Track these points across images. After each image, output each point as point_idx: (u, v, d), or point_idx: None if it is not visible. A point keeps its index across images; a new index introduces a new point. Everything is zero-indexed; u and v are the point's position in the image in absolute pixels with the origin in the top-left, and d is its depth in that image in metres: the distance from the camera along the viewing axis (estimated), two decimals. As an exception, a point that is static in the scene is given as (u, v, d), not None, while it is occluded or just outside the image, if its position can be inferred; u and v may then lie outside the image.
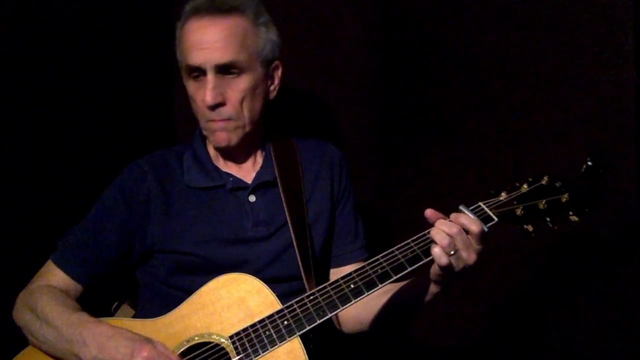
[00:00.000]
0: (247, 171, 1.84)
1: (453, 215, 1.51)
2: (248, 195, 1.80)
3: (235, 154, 1.83)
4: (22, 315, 1.66)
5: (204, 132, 1.81)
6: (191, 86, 1.74)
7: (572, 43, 1.86)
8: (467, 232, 1.48)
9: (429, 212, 1.51)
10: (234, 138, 1.77)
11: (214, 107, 1.71)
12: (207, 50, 1.67)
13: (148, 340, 1.50)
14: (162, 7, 2.34)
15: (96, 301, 1.76)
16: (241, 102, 1.73)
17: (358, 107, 2.44)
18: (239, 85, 1.72)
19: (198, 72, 1.70)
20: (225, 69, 1.69)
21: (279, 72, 1.83)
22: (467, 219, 1.49)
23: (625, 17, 1.74)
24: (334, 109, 2.41)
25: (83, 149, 2.11)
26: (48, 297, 1.65)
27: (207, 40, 1.67)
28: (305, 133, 1.99)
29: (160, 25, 2.33)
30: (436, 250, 1.45)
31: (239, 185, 1.81)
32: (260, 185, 1.81)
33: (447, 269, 1.45)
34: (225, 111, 1.73)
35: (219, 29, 1.67)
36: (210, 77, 1.69)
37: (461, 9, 2.19)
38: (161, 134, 2.37)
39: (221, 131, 1.75)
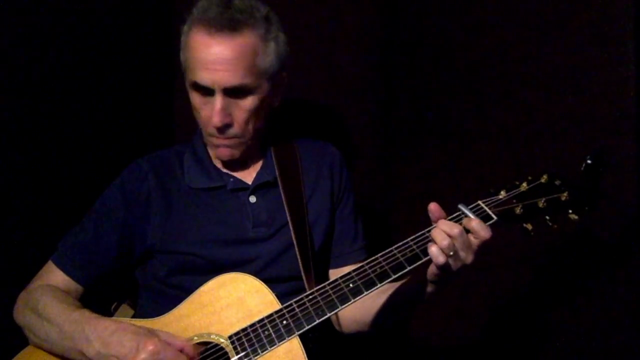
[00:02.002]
0: (247, 172, 1.84)
1: (465, 220, 1.49)
2: (248, 196, 1.80)
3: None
4: (23, 315, 1.66)
5: (206, 142, 1.80)
6: (196, 99, 1.71)
7: (572, 43, 1.86)
8: (471, 233, 1.48)
9: (433, 206, 1.50)
10: (237, 153, 1.78)
11: (221, 128, 1.70)
12: (216, 72, 1.63)
13: (153, 334, 1.50)
14: (162, 7, 2.35)
15: (96, 301, 1.76)
16: (247, 121, 1.72)
17: (358, 107, 2.44)
18: (246, 106, 1.70)
19: (202, 90, 1.68)
20: (233, 91, 1.66)
21: (284, 82, 1.80)
22: (479, 224, 1.47)
23: (625, 17, 1.74)
24: (334, 109, 2.41)
25: (83, 149, 2.11)
26: (49, 296, 1.65)
27: (217, 61, 1.62)
28: (306, 133, 1.99)
29: (160, 25, 2.34)
30: (433, 250, 1.44)
31: (240, 186, 1.81)
32: (261, 185, 1.81)
33: (444, 268, 1.44)
34: (232, 131, 1.72)
35: (229, 49, 1.62)
36: (219, 98, 1.66)
37: (461, 9, 2.19)
38: (160, 134, 2.37)
39: (224, 147, 1.75)
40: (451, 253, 1.43)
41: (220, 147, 1.76)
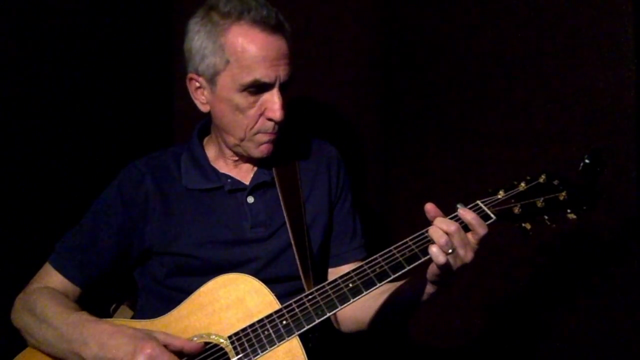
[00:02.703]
0: (245, 172, 1.84)
1: (460, 212, 1.50)
2: (246, 196, 1.80)
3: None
4: (20, 317, 1.66)
5: (240, 144, 1.76)
6: (244, 99, 1.68)
7: (572, 43, 1.85)
8: (470, 230, 1.48)
9: (429, 207, 1.50)
10: (274, 147, 1.78)
11: (280, 123, 1.70)
12: (279, 67, 1.65)
13: (150, 337, 1.49)
14: (162, 7, 2.35)
15: (95, 303, 1.76)
16: (287, 111, 1.73)
17: (358, 107, 2.45)
18: (288, 98, 1.73)
19: (259, 87, 1.67)
20: (285, 85, 1.69)
21: None
22: (476, 219, 1.48)
23: (625, 17, 1.74)
24: (334, 109, 2.41)
25: (82, 149, 2.12)
26: (47, 298, 1.65)
27: (278, 56, 1.65)
28: (304, 133, 1.99)
29: (160, 25, 2.34)
30: (434, 250, 1.44)
31: (237, 187, 1.81)
32: (258, 186, 1.81)
33: (444, 268, 1.45)
34: (282, 124, 1.73)
35: (285, 44, 1.67)
36: (279, 93, 1.68)
37: (461, 9, 2.19)
38: (160, 134, 2.37)
39: (270, 143, 1.75)
40: (450, 250, 1.44)
41: (266, 143, 1.75)
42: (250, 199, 1.80)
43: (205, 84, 1.73)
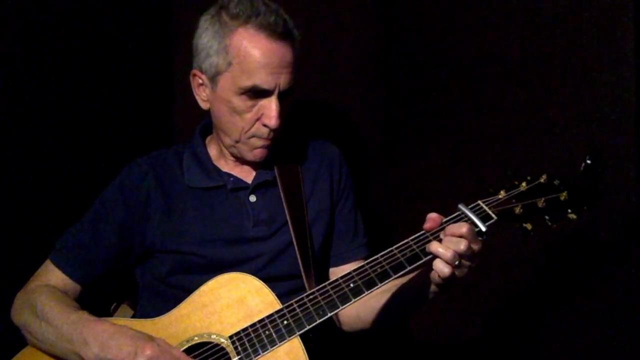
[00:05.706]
0: (247, 171, 1.84)
1: (449, 229, 1.47)
2: (248, 195, 1.80)
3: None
4: (20, 314, 1.66)
5: (235, 145, 1.77)
6: (241, 102, 1.69)
7: (572, 43, 1.86)
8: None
9: (433, 216, 1.51)
10: (270, 152, 1.78)
11: (276, 129, 1.70)
12: (280, 75, 1.65)
13: (150, 338, 1.50)
14: (162, 7, 2.35)
15: (95, 301, 1.76)
16: (284, 120, 1.73)
17: (358, 107, 2.45)
18: (288, 106, 1.73)
19: (257, 93, 1.67)
20: (284, 93, 1.69)
21: None
22: (468, 231, 1.45)
23: (625, 17, 1.74)
24: (335, 109, 2.41)
25: (82, 148, 2.12)
26: (47, 297, 1.64)
27: (281, 64, 1.65)
28: (306, 133, 1.99)
29: (160, 25, 2.34)
30: (439, 266, 1.43)
31: (240, 185, 1.81)
32: (260, 184, 1.81)
33: (449, 278, 1.44)
34: (278, 131, 1.73)
35: (289, 53, 1.67)
36: (277, 100, 1.67)
37: (461, 9, 2.20)
38: (160, 134, 2.37)
39: (264, 148, 1.75)
40: (456, 263, 1.43)
41: (260, 148, 1.75)
42: (252, 198, 1.80)
43: (207, 81, 1.73)
